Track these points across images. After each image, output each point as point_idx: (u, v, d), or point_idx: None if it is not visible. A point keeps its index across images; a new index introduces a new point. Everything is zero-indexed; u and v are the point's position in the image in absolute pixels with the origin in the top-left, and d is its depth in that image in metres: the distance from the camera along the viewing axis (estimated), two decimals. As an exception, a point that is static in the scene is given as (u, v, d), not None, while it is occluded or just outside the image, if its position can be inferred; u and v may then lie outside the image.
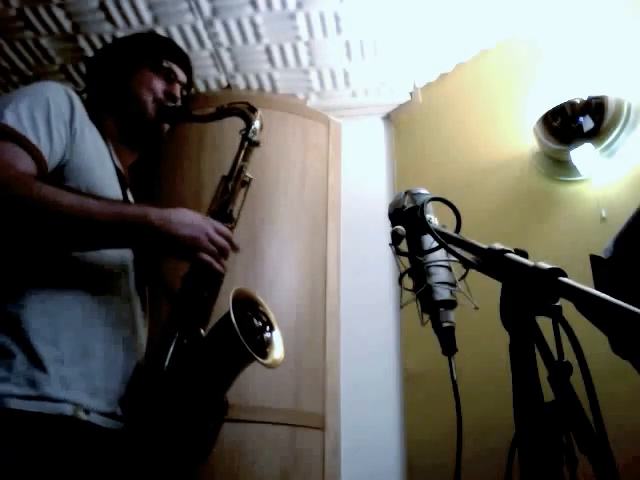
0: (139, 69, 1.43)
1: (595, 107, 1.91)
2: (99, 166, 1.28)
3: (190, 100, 1.55)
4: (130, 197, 1.40)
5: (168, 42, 1.60)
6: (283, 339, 1.34)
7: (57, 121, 1.19)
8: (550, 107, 1.97)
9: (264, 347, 1.31)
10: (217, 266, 1.25)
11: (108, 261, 1.24)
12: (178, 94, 1.46)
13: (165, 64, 1.45)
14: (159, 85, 1.43)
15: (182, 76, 1.49)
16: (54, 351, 1.10)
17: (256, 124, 1.47)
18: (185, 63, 1.51)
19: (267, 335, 1.33)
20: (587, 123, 1.92)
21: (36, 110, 1.16)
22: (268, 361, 1.27)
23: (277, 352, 1.31)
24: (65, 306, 1.15)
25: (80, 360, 1.13)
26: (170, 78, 1.45)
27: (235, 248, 1.30)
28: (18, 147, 1.11)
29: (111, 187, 1.29)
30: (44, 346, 1.09)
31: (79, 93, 1.33)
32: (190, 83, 1.54)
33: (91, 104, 1.35)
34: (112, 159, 1.35)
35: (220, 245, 1.25)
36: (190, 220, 1.21)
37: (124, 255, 1.28)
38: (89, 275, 1.20)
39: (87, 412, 1.11)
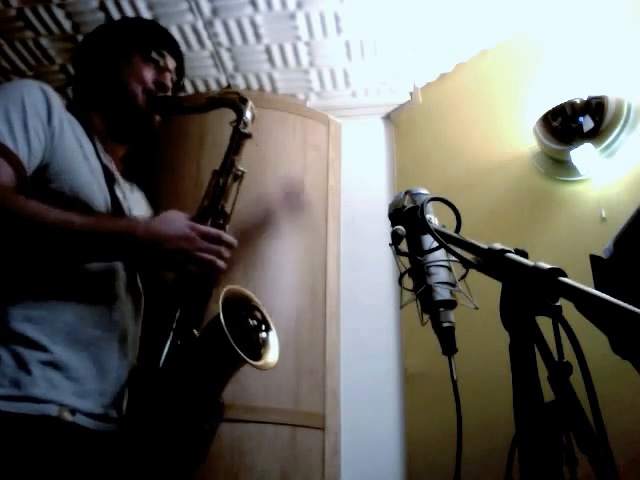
0: (129, 59, 1.39)
1: (595, 107, 1.91)
2: (82, 164, 1.24)
3: (181, 89, 1.52)
4: (119, 193, 1.34)
5: (156, 28, 1.54)
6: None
7: (34, 122, 1.16)
8: (550, 107, 1.97)
9: (259, 348, 1.29)
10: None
11: (96, 264, 1.22)
12: (169, 83, 1.43)
13: (155, 52, 1.41)
14: (149, 75, 1.39)
15: (172, 63, 1.45)
16: (41, 355, 1.09)
17: (247, 115, 1.41)
18: (174, 48, 1.47)
19: (263, 335, 1.31)
20: (587, 123, 1.91)
21: (12, 113, 1.14)
22: (260, 363, 1.24)
23: (271, 353, 1.28)
24: (54, 309, 1.14)
25: (69, 363, 1.13)
26: (160, 66, 1.42)
27: (230, 245, 1.25)
28: None
29: (96, 185, 1.26)
30: (30, 350, 1.08)
31: (68, 86, 1.31)
32: (181, 68, 1.50)
33: (77, 97, 1.32)
34: (97, 155, 1.30)
35: (210, 250, 1.21)
36: (175, 231, 1.18)
37: None
38: (77, 278, 1.19)
39: (73, 413, 1.10)
